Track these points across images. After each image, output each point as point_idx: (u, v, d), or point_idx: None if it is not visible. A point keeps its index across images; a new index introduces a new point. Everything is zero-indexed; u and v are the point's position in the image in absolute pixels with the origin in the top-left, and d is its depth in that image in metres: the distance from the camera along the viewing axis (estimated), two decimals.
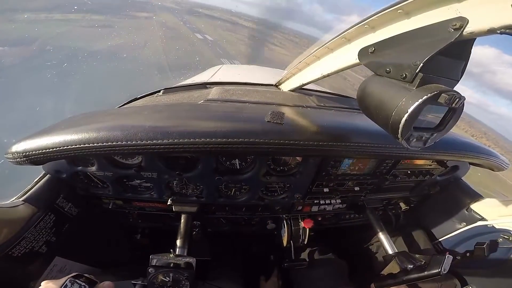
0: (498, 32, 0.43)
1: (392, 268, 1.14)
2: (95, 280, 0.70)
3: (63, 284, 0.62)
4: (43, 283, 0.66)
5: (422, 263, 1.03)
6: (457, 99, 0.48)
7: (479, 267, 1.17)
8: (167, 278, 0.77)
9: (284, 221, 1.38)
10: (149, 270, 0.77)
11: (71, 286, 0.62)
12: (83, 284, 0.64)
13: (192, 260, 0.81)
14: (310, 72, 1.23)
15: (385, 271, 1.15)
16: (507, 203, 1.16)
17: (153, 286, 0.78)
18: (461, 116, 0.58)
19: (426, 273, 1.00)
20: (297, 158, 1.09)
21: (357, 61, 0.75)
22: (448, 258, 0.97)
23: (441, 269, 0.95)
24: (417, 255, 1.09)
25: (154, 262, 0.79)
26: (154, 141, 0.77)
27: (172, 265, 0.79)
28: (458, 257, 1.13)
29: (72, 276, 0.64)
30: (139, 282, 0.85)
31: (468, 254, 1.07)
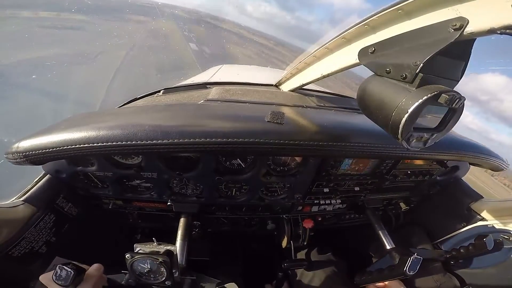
0: (498, 32, 0.43)
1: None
2: (84, 268, 0.74)
3: (54, 271, 0.67)
4: (41, 277, 0.71)
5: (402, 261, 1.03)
6: (457, 100, 0.48)
7: (479, 267, 1.17)
8: (145, 265, 0.77)
9: (284, 221, 1.38)
10: (126, 256, 0.77)
11: (60, 272, 0.67)
12: (70, 270, 0.67)
13: (173, 248, 0.79)
14: (310, 72, 1.23)
15: (371, 268, 1.17)
16: (507, 203, 1.16)
17: (135, 273, 0.78)
18: None
19: (391, 273, 1.01)
20: (297, 158, 1.09)
21: (357, 61, 0.75)
22: (416, 260, 0.95)
23: (405, 269, 0.94)
24: (414, 250, 1.09)
25: (136, 249, 0.79)
26: (154, 141, 0.77)
27: (148, 252, 0.78)
28: (462, 250, 1.12)
29: (61, 263, 0.69)
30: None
31: (470, 248, 1.07)
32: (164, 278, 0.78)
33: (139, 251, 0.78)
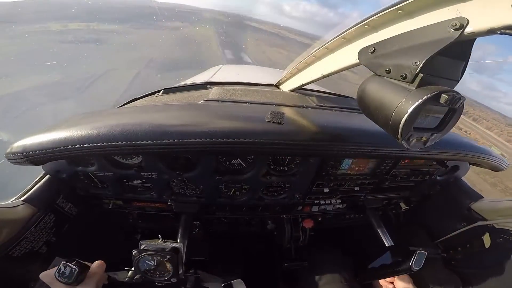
0: (498, 32, 0.43)
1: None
2: (88, 265, 0.74)
3: (57, 268, 0.67)
4: (41, 275, 0.70)
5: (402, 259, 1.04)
6: (458, 100, 0.48)
7: (479, 267, 1.17)
8: (152, 262, 0.77)
9: (284, 221, 1.38)
10: (133, 253, 0.76)
11: (64, 269, 0.66)
12: (74, 267, 0.67)
13: (179, 245, 0.79)
14: (310, 72, 1.23)
15: (373, 264, 1.17)
16: (507, 203, 1.16)
17: (139, 270, 0.78)
18: None
19: (398, 268, 1.02)
20: (297, 158, 1.09)
21: (357, 61, 0.75)
22: (420, 254, 0.97)
23: (411, 264, 0.95)
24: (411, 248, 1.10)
25: (142, 246, 0.78)
26: (154, 141, 0.77)
27: (155, 249, 0.78)
28: (459, 256, 1.13)
29: (65, 260, 0.68)
30: (132, 269, 0.86)
31: (468, 246, 1.08)
32: (170, 275, 0.78)
33: (145, 248, 0.78)
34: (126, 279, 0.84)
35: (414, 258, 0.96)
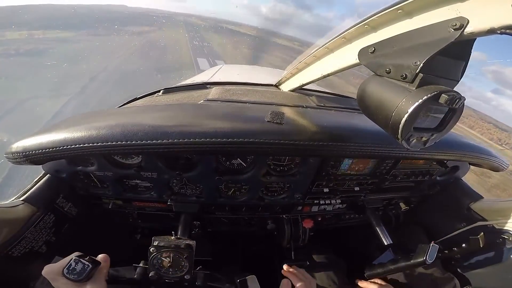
0: (498, 32, 0.43)
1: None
2: (99, 261, 0.73)
3: (67, 264, 0.64)
4: (44, 271, 0.66)
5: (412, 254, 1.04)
6: (457, 100, 0.48)
7: (479, 267, 1.17)
8: (167, 258, 0.78)
9: (284, 221, 1.38)
10: (151, 249, 0.77)
11: (75, 265, 0.64)
12: (87, 263, 0.65)
13: (192, 242, 0.81)
14: (310, 72, 1.23)
15: (380, 260, 1.17)
16: (507, 203, 1.16)
17: (154, 267, 0.79)
18: None
19: (411, 262, 1.01)
20: (297, 158, 1.09)
21: (357, 61, 0.75)
22: (433, 247, 0.98)
23: (426, 258, 0.96)
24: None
25: (156, 243, 0.79)
26: (154, 141, 0.77)
27: (172, 246, 0.79)
28: (458, 256, 1.13)
29: (76, 256, 0.66)
30: (141, 265, 0.87)
31: (464, 245, 1.09)
32: (184, 272, 0.79)
33: (161, 245, 0.78)
34: (135, 276, 0.84)
35: (428, 251, 0.96)
